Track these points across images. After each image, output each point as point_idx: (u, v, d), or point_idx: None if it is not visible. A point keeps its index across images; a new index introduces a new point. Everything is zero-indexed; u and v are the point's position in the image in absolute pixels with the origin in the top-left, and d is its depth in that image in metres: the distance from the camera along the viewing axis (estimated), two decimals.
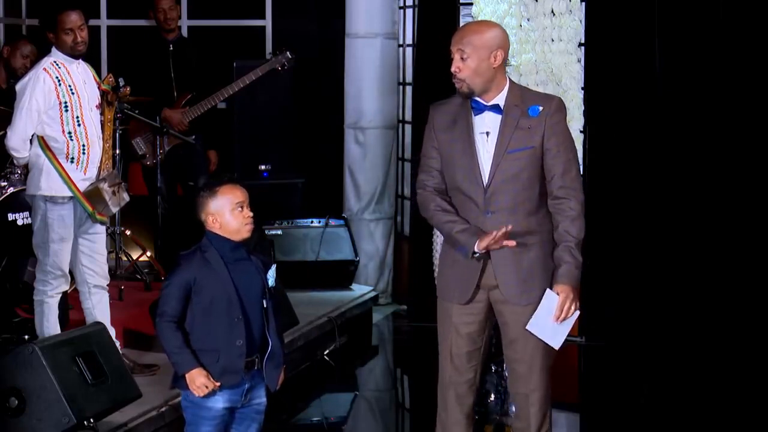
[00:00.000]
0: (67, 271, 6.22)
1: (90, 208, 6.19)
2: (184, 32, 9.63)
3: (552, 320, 4.57)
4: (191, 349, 4.43)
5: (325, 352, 8.12)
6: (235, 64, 8.91)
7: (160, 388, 6.06)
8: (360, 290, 9.10)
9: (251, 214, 4.53)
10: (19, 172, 7.33)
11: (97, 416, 5.36)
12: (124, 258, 8.50)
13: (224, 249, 4.49)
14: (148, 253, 8.63)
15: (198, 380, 4.41)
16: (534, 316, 4.60)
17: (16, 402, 5.22)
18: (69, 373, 5.30)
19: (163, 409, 5.97)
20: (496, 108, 4.61)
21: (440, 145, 4.69)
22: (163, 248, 8.57)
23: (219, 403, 4.47)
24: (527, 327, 4.61)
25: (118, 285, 7.69)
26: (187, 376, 4.41)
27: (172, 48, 8.66)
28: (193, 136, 8.46)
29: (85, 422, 5.27)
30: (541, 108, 4.58)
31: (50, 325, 6.20)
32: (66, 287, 6.28)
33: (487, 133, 4.61)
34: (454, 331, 4.73)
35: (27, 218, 7.17)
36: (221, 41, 9.90)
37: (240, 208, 4.50)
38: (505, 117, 4.59)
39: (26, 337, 6.47)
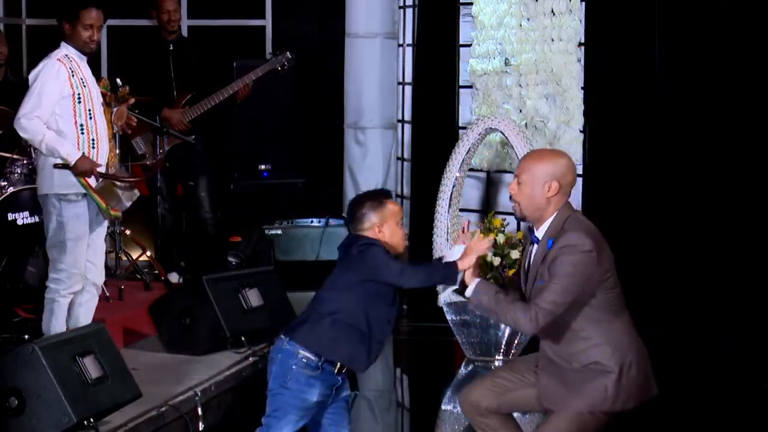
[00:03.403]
0: (83, 269, 6.22)
1: (103, 204, 6.20)
2: (184, 32, 9.62)
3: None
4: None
5: None
6: (235, 64, 8.92)
7: (160, 388, 6.07)
8: None
9: (407, 231, 4.89)
10: (19, 171, 7.33)
11: (97, 416, 5.36)
12: (124, 258, 8.50)
13: None
14: (148, 253, 8.63)
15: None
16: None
17: (16, 402, 5.22)
18: (69, 373, 5.30)
19: (163, 409, 5.96)
20: (537, 240, 4.73)
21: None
22: (163, 248, 8.57)
23: (314, 396, 4.71)
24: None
25: (118, 285, 7.70)
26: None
27: (172, 48, 8.67)
28: (193, 136, 8.46)
29: (85, 422, 5.27)
30: (553, 241, 4.63)
31: (58, 324, 6.22)
32: (79, 287, 6.27)
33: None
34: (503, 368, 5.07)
35: (27, 218, 7.17)
36: (221, 41, 9.90)
37: (401, 224, 4.85)
38: (538, 250, 4.70)
39: (26, 337, 6.48)
